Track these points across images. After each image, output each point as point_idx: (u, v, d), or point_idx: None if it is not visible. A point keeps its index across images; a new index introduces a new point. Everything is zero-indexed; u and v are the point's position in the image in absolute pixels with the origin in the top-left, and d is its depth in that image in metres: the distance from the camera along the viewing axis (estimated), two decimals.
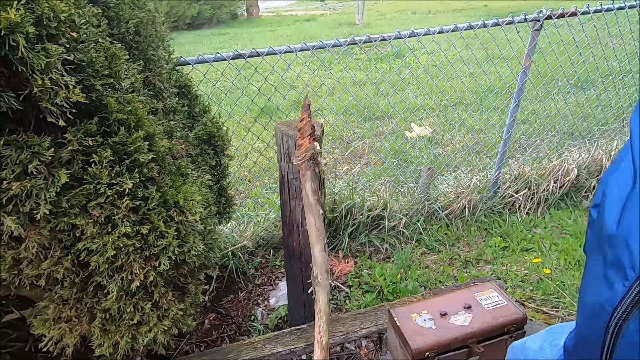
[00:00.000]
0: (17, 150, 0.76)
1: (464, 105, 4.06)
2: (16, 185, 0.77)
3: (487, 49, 2.48)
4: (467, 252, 2.22)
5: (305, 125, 1.03)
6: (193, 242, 1.01)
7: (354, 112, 3.90)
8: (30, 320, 1.01)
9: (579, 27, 2.49)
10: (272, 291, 2.00)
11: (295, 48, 1.81)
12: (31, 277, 0.89)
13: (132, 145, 0.88)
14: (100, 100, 0.85)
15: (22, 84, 0.74)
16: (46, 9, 0.71)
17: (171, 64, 1.43)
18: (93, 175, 0.84)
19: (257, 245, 2.27)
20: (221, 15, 13.53)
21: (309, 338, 1.56)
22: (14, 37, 0.67)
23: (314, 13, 14.90)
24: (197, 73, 1.80)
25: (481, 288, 1.36)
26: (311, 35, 9.12)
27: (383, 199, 2.36)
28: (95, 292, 0.97)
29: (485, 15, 10.01)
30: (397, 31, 1.95)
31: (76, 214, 0.84)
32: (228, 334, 1.79)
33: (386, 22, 11.00)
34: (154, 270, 0.94)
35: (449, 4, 13.75)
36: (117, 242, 0.88)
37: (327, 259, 1.12)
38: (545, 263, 2.09)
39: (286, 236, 1.47)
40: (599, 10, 2.27)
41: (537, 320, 1.76)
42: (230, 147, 1.67)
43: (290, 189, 1.36)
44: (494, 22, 2.08)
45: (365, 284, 2.01)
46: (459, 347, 1.21)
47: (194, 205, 1.02)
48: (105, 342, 0.98)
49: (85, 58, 0.79)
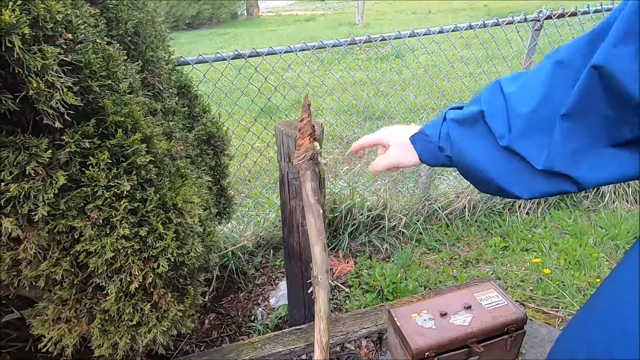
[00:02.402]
0: (15, 151, 0.76)
1: None
2: (14, 187, 0.77)
3: (487, 48, 2.48)
4: (467, 252, 2.22)
5: (305, 125, 1.03)
6: (192, 244, 1.01)
7: (354, 112, 3.90)
8: (30, 320, 1.01)
9: (579, 27, 2.49)
10: (272, 291, 2.00)
11: (295, 48, 1.81)
12: (30, 278, 0.89)
13: (130, 148, 0.88)
14: (97, 102, 0.85)
15: (19, 86, 0.73)
16: (42, 10, 0.71)
17: (171, 64, 1.43)
18: (91, 178, 0.84)
19: (257, 245, 2.27)
20: (221, 15, 13.54)
21: (309, 338, 1.55)
22: (9, 38, 0.66)
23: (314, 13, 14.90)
24: (197, 73, 1.80)
25: (481, 288, 1.36)
26: (311, 35, 9.12)
27: (383, 199, 2.36)
28: (94, 293, 0.97)
29: (485, 15, 10.01)
30: (397, 31, 1.94)
31: (74, 216, 0.84)
32: (228, 334, 1.79)
33: (386, 22, 10.99)
34: (152, 271, 0.94)
35: (449, 4, 13.74)
36: (115, 243, 0.88)
37: (327, 259, 1.12)
38: (545, 263, 2.09)
39: (286, 236, 1.47)
40: (599, 10, 2.27)
41: (537, 320, 1.76)
42: (230, 147, 1.67)
43: (290, 189, 1.36)
44: (494, 22, 2.07)
45: (365, 284, 2.01)
46: (459, 347, 1.21)
47: (192, 207, 1.02)
48: (105, 343, 0.98)
49: (83, 59, 0.79)
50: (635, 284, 0.48)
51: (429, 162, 0.73)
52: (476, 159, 0.63)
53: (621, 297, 0.51)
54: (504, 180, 0.60)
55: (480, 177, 0.63)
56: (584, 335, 0.56)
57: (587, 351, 0.54)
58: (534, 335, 1.67)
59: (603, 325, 0.52)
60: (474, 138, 0.63)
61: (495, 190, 0.63)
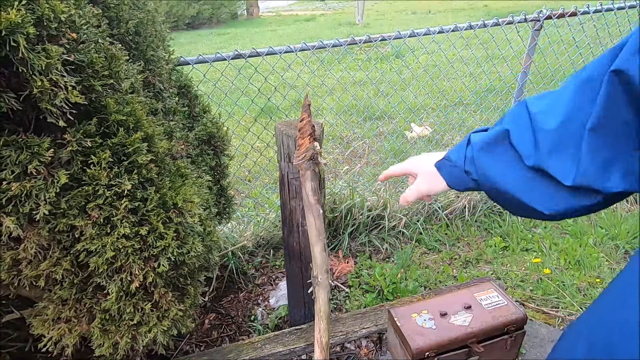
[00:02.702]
0: (16, 150, 0.76)
1: (464, 105, 4.06)
2: (16, 186, 0.77)
3: (487, 48, 2.48)
4: (467, 252, 2.22)
5: (305, 125, 1.03)
6: (192, 244, 1.01)
7: (354, 112, 3.90)
8: (30, 320, 1.01)
9: (579, 27, 2.49)
10: (272, 291, 2.00)
11: (295, 48, 1.81)
12: (30, 277, 0.89)
13: (131, 147, 0.88)
14: (99, 101, 0.85)
15: (23, 85, 0.74)
16: (46, 9, 0.71)
17: (171, 64, 1.43)
18: (92, 177, 0.84)
19: (257, 245, 2.27)
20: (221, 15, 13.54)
21: (309, 338, 1.56)
22: (14, 37, 0.67)
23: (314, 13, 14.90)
24: (197, 73, 1.81)
25: (481, 288, 1.36)
26: (311, 35, 9.12)
27: (383, 199, 2.36)
28: (94, 293, 0.97)
29: (485, 15, 10.01)
30: (397, 31, 1.95)
31: (75, 215, 0.84)
32: (228, 334, 1.79)
33: (386, 22, 10.99)
34: (153, 271, 0.94)
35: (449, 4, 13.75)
36: (116, 243, 0.88)
37: (327, 259, 1.12)
38: (545, 263, 2.09)
39: (286, 236, 1.47)
40: (599, 10, 2.27)
41: (537, 320, 1.76)
42: (230, 147, 1.67)
43: (290, 189, 1.36)
44: (494, 22, 2.08)
45: (365, 284, 2.01)
46: (459, 347, 1.21)
47: (193, 207, 1.02)
48: (105, 343, 0.98)
49: (85, 59, 0.79)
50: (635, 285, 0.48)
51: (457, 187, 0.73)
52: (501, 179, 0.63)
53: (622, 297, 0.51)
54: (528, 198, 0.61)
55: (507, 197, 0.64)
56: (585, 334, 0.56)
57: (587, 351, 0.54)
58: (534, 335, 1.67)
59: (604, 325, 0.52)
60: (499, 159, 0.63)
61: (523, 211, 0.63)
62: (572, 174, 0.55)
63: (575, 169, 0.55)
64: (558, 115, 0.56)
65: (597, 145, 0.52)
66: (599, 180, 0.53)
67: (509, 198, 0.63)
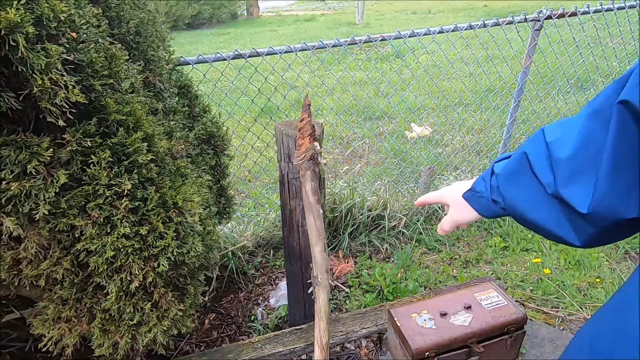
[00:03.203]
0: (16, 150, 0.76)
1: (464, 105, 4.06)
2: (15, 186, 0.77)
3: (487, 49, 2.48)
4: (467, 252, 2.22)
5: (305, 125, 1.03)
6: (192, 243, 1.01)
7: (354, 112, 3.90)
8: (30, 320, 1.01)
9: (579, 27, 2.49)
10: (272, 291, 2.00)
11: (295, 48, 1.81)
12: (31, 277, 0.89)
13: (131, 146, 0.88)
14: (99, 101, 0.85)
15: (22, 84, 0.74)
16: (46, 9, 0.71)
17: (171, 64, 1.43)
18: (92, 176, 0.84)
19: (257, 245, 2.27)
20: (221, 15, 13.53)
21: (309, 338, 1.56)
22: (13, 37, 0.67)
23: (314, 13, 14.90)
24: (197, 73, 1.81)
25: (481, 288, 1.36)
26: (311, 35, 9.12)
27: (383, 199, 2.36)
28: (94, 293, 0.97)
29: (485, 15, 10.01)
30: (397, 31, 1.95)
31: (75, 215, 0.84)
32: (228, 334, 1.79)
33: (386, 22, 10.99)
34: (153, 271, 0.94)
35: (449, 4, 13.75)
36: (116, 242, 0.88)
37: (327, 259, 1.12)
38: (545, 263, 2.09)
39: (286, 236, 1.47)
40: (599, 10, 2.27)
41: (537, 320, 1.76)
42: (230, 147, 1.67)
43: (290, 189, 1.36)
44: (494, 22, 2.08)
45: (365, 284, 2.01)
46: (459, 347, 1.21)
47: (193, 206, 1.02)
48: (105, 342, 0.98)
49: (85, 58, 0.79)
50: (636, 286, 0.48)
51: (488, 215, 0.74)
52: (528, 208, 0.64)
53: (624, 300, 0.52)
54: (556, 228, 0.61)
55: (537, 226, 0.64)
56: (588, 336, 0.56)
57: (589, 352, 0.54)
58: (534, 335, 1.67)
59: (605, 327, 0.53)
60: (523, 189, 0.64)
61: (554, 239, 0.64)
62: (587, 202, 0.55)
63: (590, 197, 0.54)
64: (571, 145, 0.56)
65: (614, 173, 0.52)
66: (618, 209, 0.53)
67: (540, 227, 0.64)
